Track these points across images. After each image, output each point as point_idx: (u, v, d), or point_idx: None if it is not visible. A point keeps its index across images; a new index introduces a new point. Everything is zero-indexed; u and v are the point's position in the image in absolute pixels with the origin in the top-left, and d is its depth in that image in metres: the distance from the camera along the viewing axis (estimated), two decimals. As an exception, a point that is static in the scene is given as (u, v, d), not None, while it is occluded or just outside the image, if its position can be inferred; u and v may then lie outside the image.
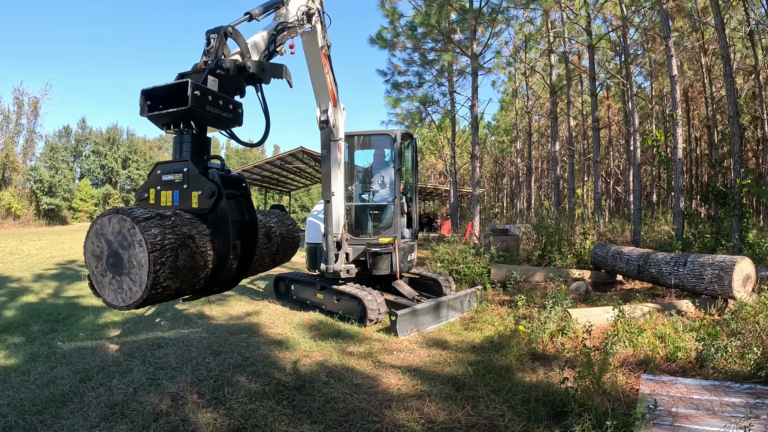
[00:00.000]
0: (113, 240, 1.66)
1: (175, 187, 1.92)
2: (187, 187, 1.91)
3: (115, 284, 1.67)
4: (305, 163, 26.57)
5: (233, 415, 3.31)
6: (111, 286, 1.68)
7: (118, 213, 1.66)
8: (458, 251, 8.97)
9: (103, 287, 1.70)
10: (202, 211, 1.89)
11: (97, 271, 1.70)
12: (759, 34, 15.85)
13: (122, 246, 1.64)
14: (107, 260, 1.67)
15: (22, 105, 39.51)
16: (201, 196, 1.89)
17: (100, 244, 1.68)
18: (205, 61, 2.13)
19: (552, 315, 5.34)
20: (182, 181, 1.91)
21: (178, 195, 1.92)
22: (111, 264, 1.66)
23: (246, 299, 7.52)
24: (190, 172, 1.91)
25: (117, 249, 1.65)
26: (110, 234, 1.66)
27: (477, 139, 14.77)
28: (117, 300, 1.68)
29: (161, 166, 1.96)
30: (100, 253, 1.68)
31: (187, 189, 1.91)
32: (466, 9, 13.99)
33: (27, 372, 4.16)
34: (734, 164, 9.85)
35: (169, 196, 1.92)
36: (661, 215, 20.75)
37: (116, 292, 1.67)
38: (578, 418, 2.92)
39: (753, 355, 4.04)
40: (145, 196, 1.94)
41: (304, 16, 3.58)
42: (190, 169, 1.91)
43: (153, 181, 1.94)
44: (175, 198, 1.92)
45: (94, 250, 1.69)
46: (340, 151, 6.10)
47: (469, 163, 18.01)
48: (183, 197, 1.92)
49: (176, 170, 1.93)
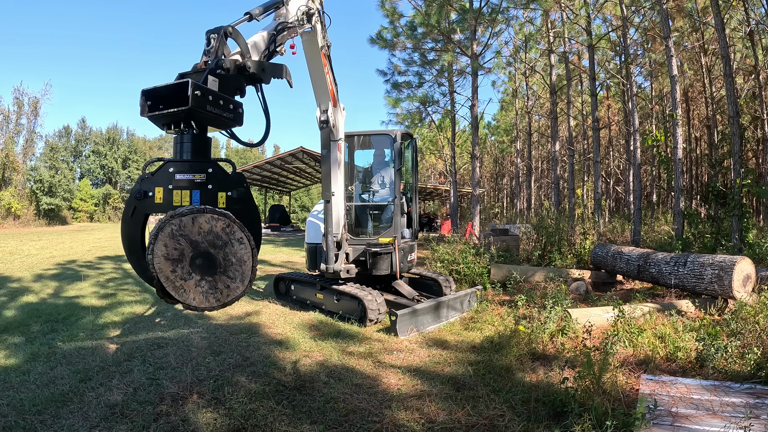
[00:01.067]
0: (201, 240, 1.62)
1: (195, 187, 1.91)
2: (213, 188, 1.93)
3: (205, 285, 1.63)
4: (305, 163, 26.58)
5: (233, 415, 3.31)
6: (199, 287, 1.63)
7: (205, 212, 1.64)
8: (458, 251, 8.97)
9: (186, 291, 1.61)
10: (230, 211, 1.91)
11: (176, 275, 1.61)
12: (759, 34, 15.84)
13: (215, 245, 1.62)
14: (192, 262, 1.62)
15: (22, 105, 39.50)
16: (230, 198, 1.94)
17: (178, 246, 1.60)
18: (206, 61, 2.13)
19: (552, 315, 5.34)
20: (206, 181, 1.92)
21: (199, 195, 1.91)
22: (198, 265, 1.62)
23: (246, 299, 7.52)
24: (217, 173, 1.94)
25: (207, 249, 1.62)
26: (195, 234, 1.62)
27: (477, 139, 14.77)
28: (207, 301, 1.63)
29: (174, 164, 1.93)
30: (179, 255, 1.61)
31: (212, 190, 1.93)
32: (466, 9, 13.99)
33: (27, 372, 4.16)
34: (734, 164, 9.84)
35: (186, 195, 1.90)
36: (661, 215, 20.75)
37: (207, 294, 1.63)
38: (578, 418, 2.92)
39: (753, 355, 4.04)
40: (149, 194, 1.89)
41: (304, 16, 3.58)
42: (216, 170, 1.94)
43: (162, 179, 1.91)
44: (195, 198, 1.91)
45: (168, 254, 1.60)
46: (340, 151, 6.10)
47: (469, 163, 18.01)
48: (207, 197, 1.92)
49: (198, 170, 1.92)
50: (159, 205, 1.89)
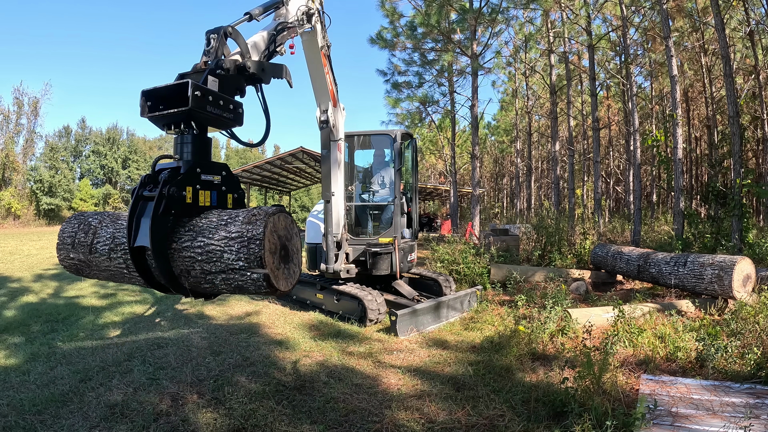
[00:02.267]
0: (283, 235, 1.88)
1: (213, 188, 2.04)
2: (225, 189, 2.08)
3: (286, 272, 1.88)
4: (305, 163, 26.57)
5: (233, 415, 3.31)
6: (284, 275, 1.87)
7: (282, 212, 1.89)
8: (458, 251, 8.97)
9: (278, 279, 1.83)
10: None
11: (274, 265, 1.82)
12: (759, 34, 15.84)
13: (287, 239, 1.89)
14: (279, 253, 1.85)
15: (22, 105, 39.49)
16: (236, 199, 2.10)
17: (274, 241, 1.83)
18: (205, 62, 2.13)
19: (552, 315, 5.34)
20: (221, 182, 2.06)
21: (216, 196, 2.05)
22: (282, 256, 1.87)
23: (246, 299, 7.52)
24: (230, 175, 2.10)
25: (285, 242, 1.88)
26: (281, 230, 1.87)
27: (477, 139, 14.77)
28: (287, 285, 1.89)
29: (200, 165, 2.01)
30: (274, 249, 1.83)
31: (224, 191, 2.07)
32: (466, 9, 13.99)
33: (27, 372, 4.16)
34: (734, 164, 9.84)
35: (208, 195, 2.01)
36: (661, 215, 20.75)
37: (287, 279, 1.89)
38: (578, 418, 2.92)
39: (753, 355, 4.04)
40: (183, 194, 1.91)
41: (303, 16, 3.58)
42: (228, 172, 2.09)
43: (191, 179, 1.96)
44: (214, 198, 2.04)
45: (271, 248, 1.81)
46: (340, 151, 6.10)
47: (469, 163, 18.01)
48: (221, 198, 2.06)
49: (215, 171, 2.05)
50: (189, 205, 1.92)
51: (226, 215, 1.87)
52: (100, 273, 2.17)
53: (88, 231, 2.17)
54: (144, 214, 1.86)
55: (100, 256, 2.10)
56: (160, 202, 1.81)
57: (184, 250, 1.84)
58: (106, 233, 2.10)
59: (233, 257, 1.75)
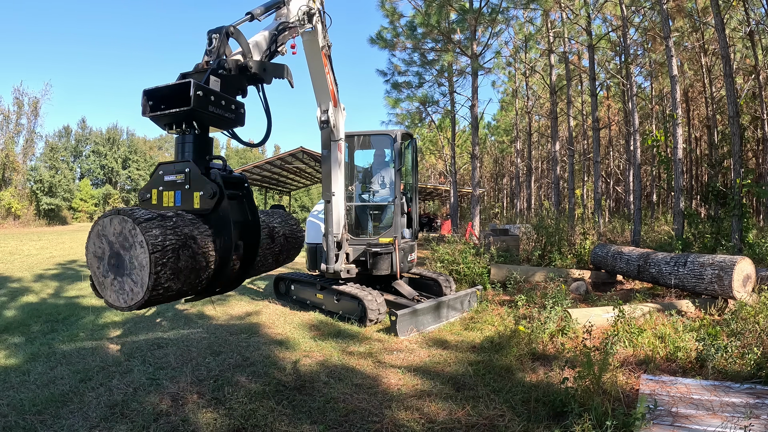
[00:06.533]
0: (114, 241, 1.67)
1: (177, 188, 1.92)
2: (189, 187, 1.92)
3: (117, 285, 1.68)
4: (305, 163, 26.57)
5: (233, 415, 3.31)
6: (113, 286, 1.68)
7: (119, 214, 1.66)
8: (458, 251, 8.97)
9: (105, 288, 1.70)
10: (204, 211, 1.90)
11: (99, 272, 1.70)
12: (759, 34, 15.85)
13: (123, 247, 1.65)
14: (109, 261, 1.68)
15: (22, 105, 39.51)
16: (203, 197, 1.90)
17: (101, 245, 1.68)
18: (207, 61, 2.13)
19: (552, 315, 5.34)
20: (184, 181, 1.92)
21: (180, 195, 1.92)
22: (113, 265, 1.67)
23: (246, 299, 7.52)
24: (192, 172, 1.91)
25: (118, 250, 1.66)
26: (111, 235, 1.67)
27: (477, 139, 14.77)
28: (119, 301, 1.69)
29: (163, 166, 1.96)
30: (101, 254, 1.69)
31: (189, 190, 1.92)
32: (466, 9, 13.99)
33: (27, 372, 4.16)
34: (734, 164, 9.85)
35: (171, 196, 1.92)
36: (661, 215, 20.76)
37: (118, 293, 1.68)
38: (578, 418, 2.92)
39: (753, 355, 4.04)
40: (147, 197, 1.92)
41: (305, 16, 3.58)
42: (192, 169, 1.92)
43: (155, 182, 1.94)
44: (177, 199, 1.92)
45: (95, 251, 1.70)
46: (340, 151, 6.10)
47: (469, 163, 18.02)
48: (185, 198, 1.92)
49: (178, 170, 1.93)
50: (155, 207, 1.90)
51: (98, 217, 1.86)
52: None
53: None
54: None
55: None
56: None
57: None
58: None
59: None
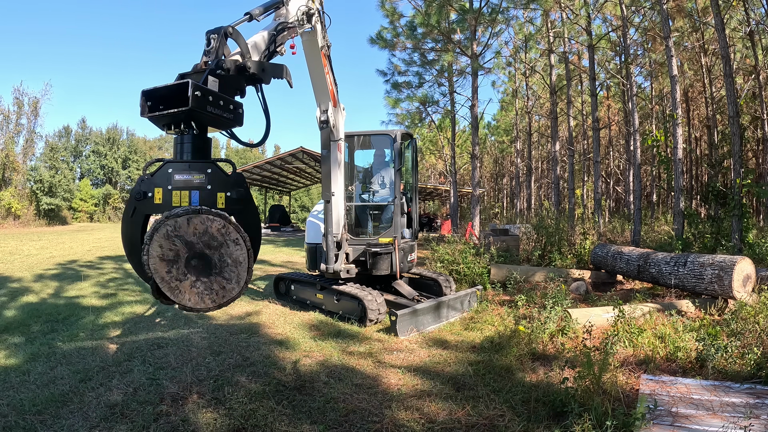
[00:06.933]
0: (196, 241, 1.63)
1: (194, 188, 1.91)
2: (212, 188, 1.93)
3: (201, 286, 1.65)
4: (305, 163, 26.58)
5: (233, 415, 3.31)
6: (195, 288, 1.65)
7: (200, 213, 1.65)
8: (458, 251, 8.97)
9: (182, 292, 1.63)
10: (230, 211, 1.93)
11: (171, 276, 1.63)
12: (759, 34, 15.84)
13: (210, 246, 1.64)
14: (187, 263, 1.64)
15: (22, 105, 39.48)
16: (229, 198, 1.93)
17: (174, 247, 1.62)
18: (206, 62, 2.13)
19: (552, 315, 5.34)
20: (205, 182, 1.92)
21: (198, 195, 1.91)
22: (194, 266, 1.63)
23: (246, 299, 7.52)
24: (216, 173, 1.94)
25: (203, 250, 1.63)
26: (191, 235, 1.63)
27: (477, 139, 14.77)
28: (203, 302, 1.65)
29: (173, 165, 1.93)
30: (174, 256, 1.63)
31: (211, 190, 1.93)
32: (466, 9, 13.99)
33: (27, 372, 4.16)
34: (734, 164, 9.84)
35: (186, 196, 1.90)
36: (661, 215, 20.75)
37: (202, 294, 1.64)
38: (578, 418, 2.92)
39: (753, 355, 4.04)
40: (149, 195, 1.88)
41: (304, 16, 3.59)
42: (215, 170, 1.94)
43: (161, 180, 1.90)
44: (195, 198, 1.91)
45: (164, 255, 1.62)
46: (340, 152, 6.10)
47: (469, 163, 18.01)
48: (206, 198, 1.92)
49: (197, 170, 1.92)
50: (158, 206, 1.87)
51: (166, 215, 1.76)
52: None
53: None
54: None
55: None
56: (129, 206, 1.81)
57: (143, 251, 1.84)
58: None
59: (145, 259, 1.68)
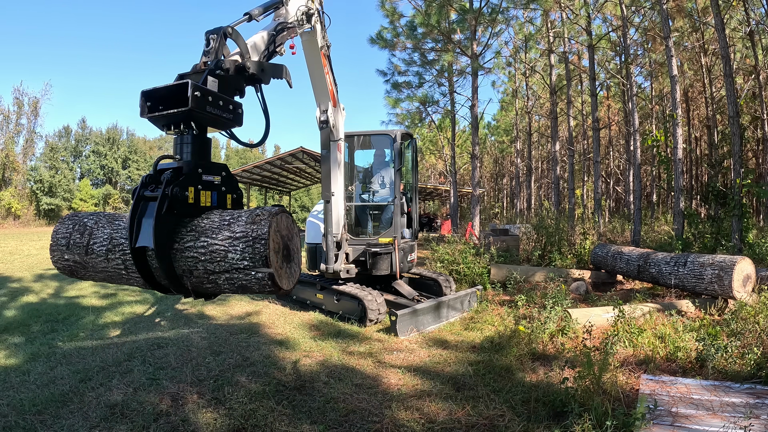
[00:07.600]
0: (286, 234, 1.90)
1: (214, 189, 2.04)
2: (225, 190, 2.08)
3: (288, 271, 1.91)
4: (305, 163, 26.57)
5: (233, 415, 3.31)
6: (287, 274, 1.89)
7: (284, 212, 1.91)
8: (458, 251, 8.97)
9: (281, 278, 1.84)
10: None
11: (278, 264, 1.83)
12: (759, 34, 15.85)
13: (289, 238, 1.92)
14: (282, 253, 1.87)
15: (22, 105, 39.54)
16: (234, 199, 2.12)
17: (278, 240, 1.85)
18: (205, 62, 2.13)
19: (552, 315, 5.34)
20: (221, 183, 2.07)
21: (216, 196, 2.05)
22: (284, 255, 1.88)
23: (246, 299, 7.52)
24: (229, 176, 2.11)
25: (287, 242, 1.90)
26: (285, 229, 1.89)
27: (477, 139, 14.76)
28: (289, 284, 1.91)
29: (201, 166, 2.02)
30: (278, 248, 1.84)
31: (224, 192, 2.08)
32: (466, 9, 13.99)
33: (27, 372, 4.16)
34: (734, 164, 9.84)
35: (209, 196, 2.02)
36: (661, 215, 20.76)
37: (289, 278, 1.91)
38: (578, 418, 2.92)
39: (753, 355, 4.04)
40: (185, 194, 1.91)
41: (303, 16, 3.58)
42: (228, 173, 2.10)
43: (193, 179, 1.96)
44: (214, 199, 2.04)
45: (275, 247, 1.82)
46: (340, 152, 6.10)
47: (469, 163, 18.02)
48: (220, 199, 2.07)
49: (215, 172, 2.06)
50: (190, 206, 1.92)
51: (228, 215, 1.87)
52: (96, 274, 2.13)
53: (84, 232, 2.12)
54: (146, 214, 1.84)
55: (97, 257, 2.06)
56: (163, 203, 1.80)
57: (187, 251, 1.84)
58: (103, 234, 2.07)
59: (238, 257, 1.76)
